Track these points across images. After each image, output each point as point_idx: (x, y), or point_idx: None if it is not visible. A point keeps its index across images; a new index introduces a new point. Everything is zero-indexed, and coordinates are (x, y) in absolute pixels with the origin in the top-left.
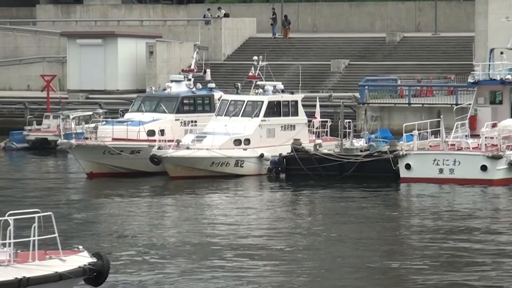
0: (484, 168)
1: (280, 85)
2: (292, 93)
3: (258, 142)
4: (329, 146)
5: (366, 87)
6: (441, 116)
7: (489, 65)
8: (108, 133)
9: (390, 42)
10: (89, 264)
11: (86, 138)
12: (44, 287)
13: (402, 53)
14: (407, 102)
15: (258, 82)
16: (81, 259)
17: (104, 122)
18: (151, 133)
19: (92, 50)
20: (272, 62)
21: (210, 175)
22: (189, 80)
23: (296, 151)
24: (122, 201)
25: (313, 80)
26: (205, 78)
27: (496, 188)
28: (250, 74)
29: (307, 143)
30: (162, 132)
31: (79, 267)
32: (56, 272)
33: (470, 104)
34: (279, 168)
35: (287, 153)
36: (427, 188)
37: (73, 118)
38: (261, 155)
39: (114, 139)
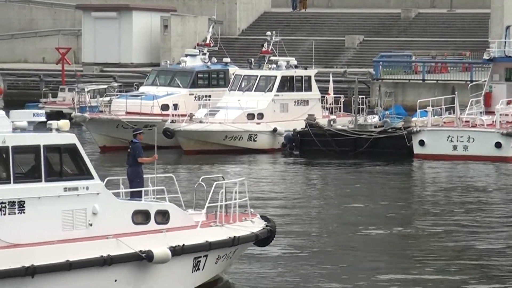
0: (498, 145)
1: (293, 61)
2: (306, 68)
3: (271, 116)
4: (342, 122)
5: (381, 63)
6: (456, 93)
7: (505, 42)
8: (122, 107)
9: (405, 18)
10: (268, 226)
11: (101, 112)
12: (244, 246)
13: (417, 29)
14: (421, 78)
15: (272, 58)
16: (261, 221)
17: (118, 96)
18: (165, 107)
19: (107, 23)
20: (286, 37)
21: (223, 149)
22: (204, 54)
23: (310, 127)
24: None
25: (327, 56)
26: None
27: (510, 165)
28: (264, 49)
29: (321, 118)
30: (175, 106)
31: (264, 228)
32: (253, 233)
33: (485, 81)
34: (293, 144)
35: (301, 129)
36: (441, 165)
37: (88, 91)
38: (275, 130)
39: (127, 113)
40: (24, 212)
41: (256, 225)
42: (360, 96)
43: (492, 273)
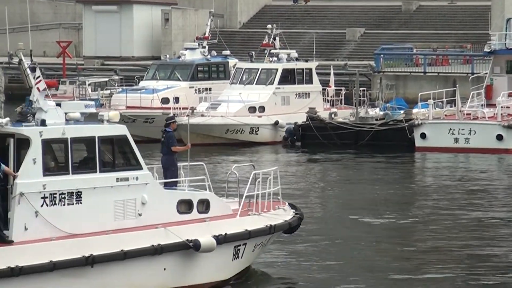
0: (500, 137)
1: (294, 53)
2: (307, 61)
3: (273, 109)
4: (343, 115)
5: (382, 55)
6: (457, 85)
7: (506, 34)
8: (122, 101)
9: (406, 10)
10: (297, 214)
11: (102, 105)
12: (278, 234)
13: (418, 21)
14: (422, 71)
15: (272, 50)
16: (290, 209)
17: (119, 90)
18: (165, 100)
19: (108, 17)
20: (287, 30)
21: (225, 143)
22: (204, 47)
23: (311, 120)
24: None
25: (328, 49)
26: None
27: None
28: (264, 42)
29: (322, 111)
30: (176, 99)
31: (294, 216)
32: (286, 221)
33: (486, 73)
34: (295, 137)
35: (303, 122)
36: (442, 157)
37: (89, 84)
38: (276, 122)
39: (128, 107)
40: (81, 203)
41: (287, 213)
42: (361, 89)
43: (495, 264)
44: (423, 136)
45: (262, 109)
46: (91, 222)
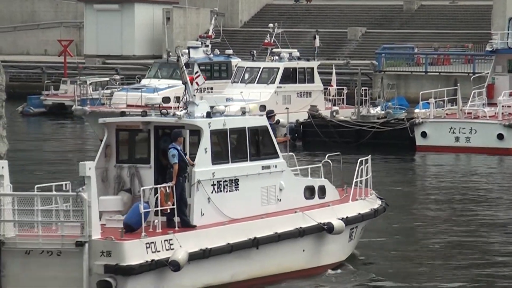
0: (500, 136)
1: (296, 52)
2: (308, 60)
3: (274, 108)
4: (345, 114)
5: (383, 55)
6: (458, 85)
7: (508, 33)
8: (122, 99)
9: (407, 10)
10: (383, 200)
11: (103, 104)
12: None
13: (420, 21)
14: (423, 70)
15: (274, 49)
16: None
17: (120, 88)
18: (166, 100)
19: (109, 16)
20: (288, 29)
21: None
22: (207, 46)
23: (313, 118)
24: None
25: (329, 48)
26: None
27: None
28: (266, 41)
29: (323, 110)
30: (178, 99)
31: (380, 205)
32: (381, 205)
33: (487, 72)
34: (296, 135)
35: (304, 120)
36: (443, 156)
37: (90, 84)
38: (277, 122)
39: (128, 106)
40: (238, 189)
41: (377, 200)
42: (363, 88)
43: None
44: (424, 135)
45: (263, 108)
46: (245, 208)
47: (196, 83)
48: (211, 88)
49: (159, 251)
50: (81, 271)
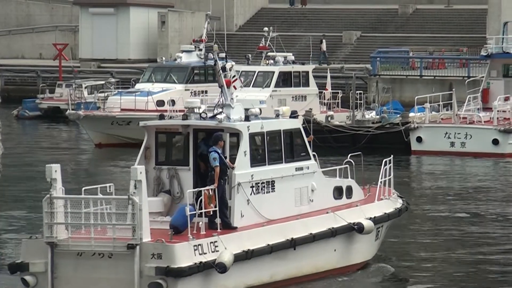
0: (495, 142)
1: (290, 56)
2: (303, 64)
3: (269, 112)
4: (340, 118)
5: (378, 58)
6: (453, 89)
7: (503, 38)
8: (117, 103)
9: (402, 14)
10: (404, 199)
11: (98, 108)
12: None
13: (415, 25)
14: (418, 74)
15: (269, 53)
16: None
17: (115, 92)
18: (160, 103)
19: (104, 19)
20: (283, 33)
21: None
22: (200, 50)
23: (307, 122)
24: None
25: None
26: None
27: (507, 162)
28: (261, 45)
29: (318, 114)
30: (172, 102)
31: (402, 204)
32: (403, 205)
33: (482, 77)
34: None
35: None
36: (438, 161)
37: (86, 87)
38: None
39: (122, 110)
40: (274, 191)
41: (399, 199)
42: (358, 92)
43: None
44: (419, 139)
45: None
46: (280, 209)
47: (234, 86)
48: (206, 91)
49: (205, 253)
50: (132, 273)
